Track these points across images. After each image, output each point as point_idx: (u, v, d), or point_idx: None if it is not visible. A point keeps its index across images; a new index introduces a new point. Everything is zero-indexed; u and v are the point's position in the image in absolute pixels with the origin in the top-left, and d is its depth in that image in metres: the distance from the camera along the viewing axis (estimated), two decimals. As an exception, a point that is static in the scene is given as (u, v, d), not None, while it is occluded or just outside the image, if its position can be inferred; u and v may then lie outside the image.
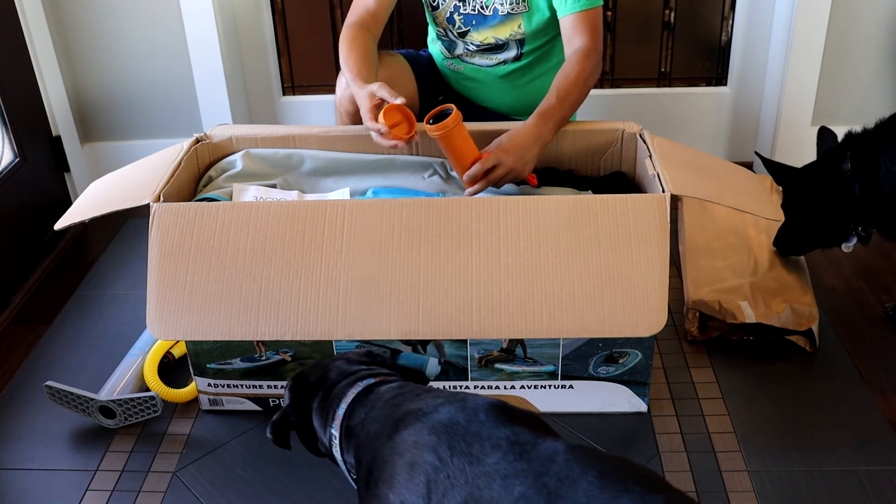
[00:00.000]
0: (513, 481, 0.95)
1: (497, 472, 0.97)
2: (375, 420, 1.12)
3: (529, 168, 1.76)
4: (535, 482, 0.95)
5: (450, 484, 0.98)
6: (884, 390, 1.77)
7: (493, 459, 0.98)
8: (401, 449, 1.04)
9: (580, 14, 1.86)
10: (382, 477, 1.05)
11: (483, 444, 1.00)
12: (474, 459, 0.99)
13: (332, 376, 1.24)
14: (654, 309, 1.52)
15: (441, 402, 1.08)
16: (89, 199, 1.76)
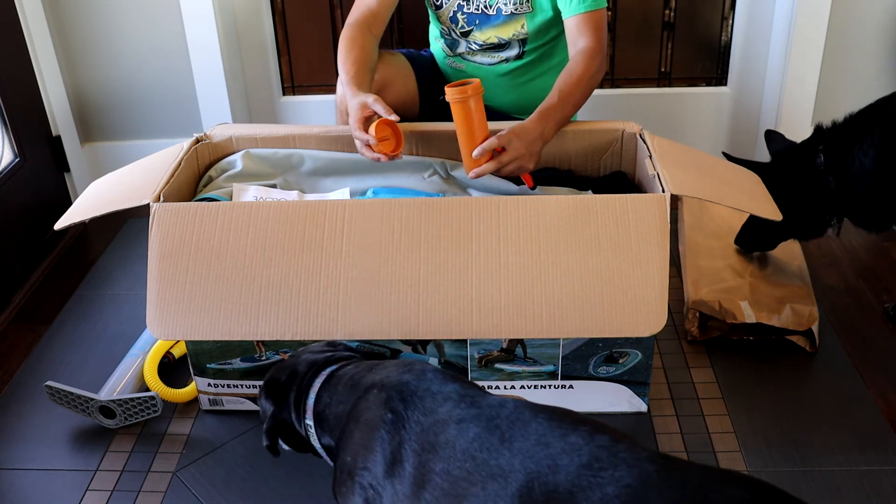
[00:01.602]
0: (467, 425, 1.01)
1: (451, 418, 1.02)
2: (340, 402, 1.19)
3: (534, 162, 1.75)
4: (488, 424, 1.00)
5: (406, 435, 1.04)
6: (884, 390, 1.77)
7: (446, 409, 1.04)
8: (358, 416, 1.11)
9: (585, 15, 1.86)
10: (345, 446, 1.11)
11: (435, 398, 1.06)
12: (428, 411, 1.05)
13: (301, 370, 1.28)
14: (654, 309, 1.52)
15: (391, 369, 1.16)
16: (89, 199, 1.76)
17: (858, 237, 2.33)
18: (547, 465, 0.93)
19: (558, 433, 0.97)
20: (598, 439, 0.95)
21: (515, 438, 0.98)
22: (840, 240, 2.31)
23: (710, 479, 0.89)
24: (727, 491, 0.86)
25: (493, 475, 0.95)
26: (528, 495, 0.92)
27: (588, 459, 0.92)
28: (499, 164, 1.70)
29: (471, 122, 1.71)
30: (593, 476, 0.90)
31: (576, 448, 0.94)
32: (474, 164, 1.71)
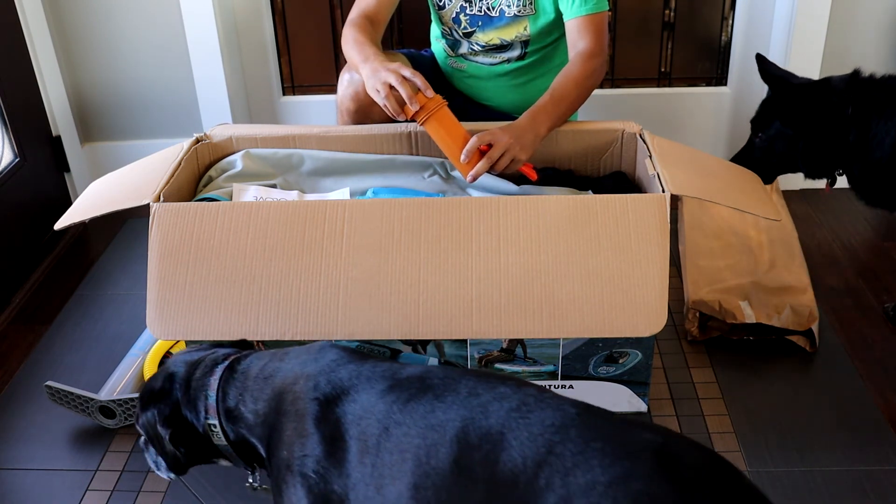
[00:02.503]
0: (399, 390, 1.07)
1: (378, 388, 1.08)
2: (256, 397, 1.18)
3: (527, 152, 1.74)
4: (420, 385, 1.07)
5: (340, 414, 1.08)
6: (884, 390, 1.77)
7: (371, 381, 1.10)
8: (286, 409, 1.13)
9: (586, 18, 1.87)
10: (278, 443, 1.13)
11: (359, 374, 1.11)
12: (353, 387, 1.10)
13: (181, 372, 1.25)
14: (654, 309, 1.52)
15: (304, 358, 1.18)
16: (89, 199, 1.76)
17: (858, 237, 2.33)
18: (479, 410, 1.01)
19: (487, 385, 1.04)
20: (525, 389, 1.03)
21: (447, 394, 1.04)
22: (840, 240, 2.31)
23: (625, 423, 0.97)
24: (640, 435, 0.94)
25: (431, 426, 1.02)
26: (464, 439, 0.99)
27: (517, 404, 1.00)
28: (489, 160, 1.70)
29: (445, 134, 1.72)
30: (521, 418, 0.98)
31: (505, 395, 1.02)
32: (466, 167, 1.72)
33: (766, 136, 1.88)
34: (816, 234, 2.34)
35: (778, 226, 2.15)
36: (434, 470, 1.00)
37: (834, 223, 2.40)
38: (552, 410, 0.99)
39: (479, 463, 0.98)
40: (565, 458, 0.94)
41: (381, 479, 1.04)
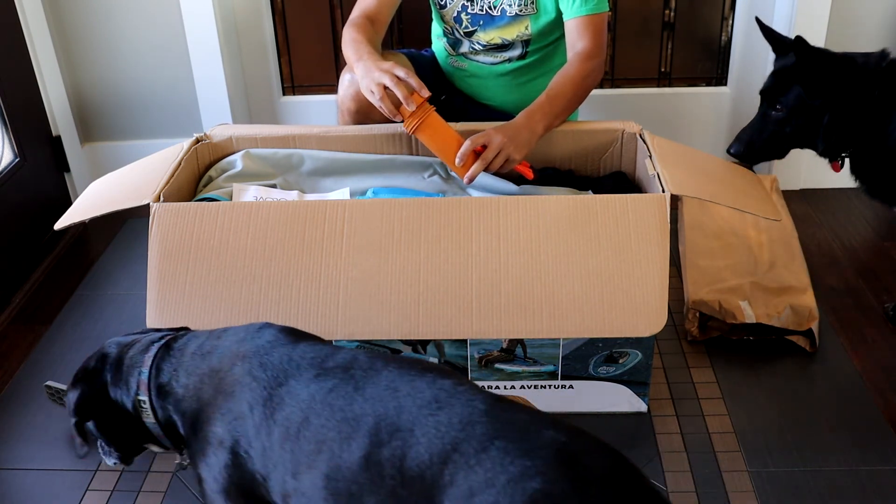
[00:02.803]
0: (324, 378, 1.11)
1: (308, 374, 1.12)
2: (189, 373, 1.20)
3: (522, 152, 1.74)
4: (344, 375, 1.10)
5: (268, 395, 1.12)
6: (884, 390, 1.77)
7: (303, 365, 1.13)
8: (223, 388, 1.16)
9: (585, 18, 1.87)
10: (208, 417, 1.16)
11: (291, 357, 1.15)
12: (286, 370, 1.13)
13: (112, 352, 1.27)
14: (654, 309, 1.52)
15: (242, 336, 1.21)
16: (89, 199, 1.76)
17: (858, 237, 2.33)
18: (393, 407, 1.04)
19: (406, 379, 1.07)
20: (439, 383, 1.06)
21: (368, 387, 1.08)
22: (840, 240, 2.31)
23: (531, 420, 0.99)
24: (544, 432, 0.97)
25: (346, 419, 1.06)
26: (375, 435, 1.03)
27: (428, 400, 1.04)
28: (484, 161, 1.70)
29: (437, 138, 1.73)
30: (431, 414, 1.02)
31: (419, 391, 1.05)
32: (462, 169, 1.72)
33: (786, 107, 1.76)
34: (816, 234, 2.34)
35: (778, 226, 2.15)
36: (345, 463, 1.04)
37: (834, 223, 2.40)
38: (461, 406, 1.02)
39: (388, 458, 1.01)
40: (469, 454, 0.96)
41: (298, 466, 1.08)
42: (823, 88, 1.71)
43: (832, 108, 1.72)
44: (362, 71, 1.73)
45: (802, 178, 2.59)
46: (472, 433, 0.98)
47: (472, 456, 0.96)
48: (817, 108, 1.73)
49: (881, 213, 2.43)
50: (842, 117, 1.73)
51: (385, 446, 1.02)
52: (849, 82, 1.71)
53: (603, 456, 0.97)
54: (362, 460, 1.03)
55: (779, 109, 1.78)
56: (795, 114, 1.76)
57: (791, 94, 1.75)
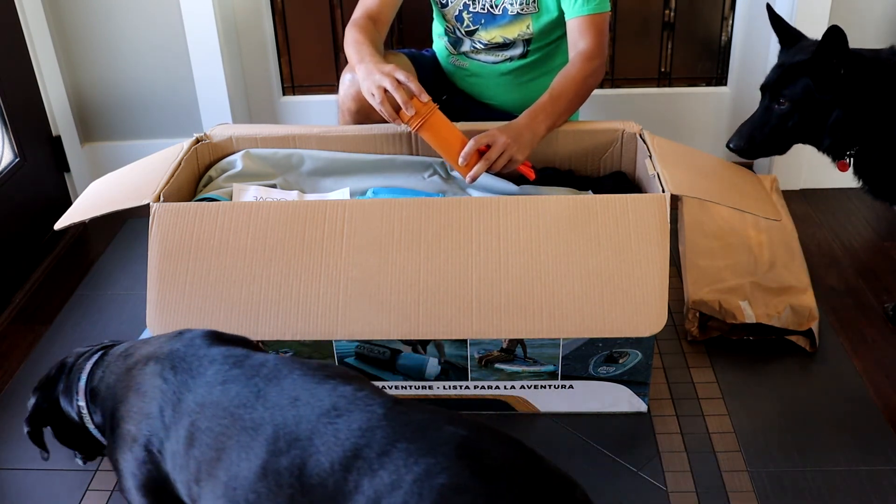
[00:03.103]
0: (229, 385, 1.12)
1: (216, 380, 1.14)
2: (112, 373, 1.25)
3: (525, 152, 1.75)
4: (248, 382, 1.12)
5: (177, 398, 1.14)
6: (884, 390, 1.77)
7: (212, 371, 1.15)
8: (135, 387, 1.19)
9: (587, 18, 1.87)
10: (123, 415, 1.19)
11: (202, 362, 1.17)
12: (196, 374, 1.15)
13: (70, 361, 1.32)
14: (654, 309, 1.52)
15: (163, 340, 1.24)
16: (89, 199, 1.76)
17: (858, 237, 2.33)
18: (292, 416, 1.05)
19: (308, 387, 1.09)
20: (340, 390, 1.07)
21: (270, 395, 1.09)
22: (840, 240, 2.31)
23: (430, 419, 1.01)
24: (444, 429, 0.99)
25: (246, 429, 1.07)
26: (274, 444, 1.04)
27: (328, 408, 1.05)
28: (487, 160, 1.71)
29: (441, 136, 1.73)
30: (330, 423, 1.03)
31: (319, 399, 1.06)
32: (465, 169, 1.72)
33: (791, 100, 1.71)
34: (816, 234, 2.34)
35: (778, 226, 2.15)
36: (243, 472, 1.05)
37: (834, 223, 2.40)
38: (360, 413, 1.03)
39: (287, 468, 1.02)
40: (371, 459, 0.98)
41: (200, 473, 1.10)
42: (838, 84, 1.66)
43: (844, 104, 1.68)
44: (363, 73, 1.74)
45: (802, 178, 2.59)
46: (373, 438, 0.99)
47: (374, 460, 0.97)
48: (826, 104, 1.69)
49: (881, 213, 2.43)
50: (853, 114, 1.69)
51: (283, 455, 1.03)
52: (864, 78, 1.66)
53: (504, 445, 0.99)
54: (260, 470, 1.04)
55: (782, 103, 1.73)
56: (800, 108, 1.72)
57: (797, 87, 1.71)
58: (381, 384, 1.69)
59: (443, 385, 1.69)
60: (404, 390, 1.70)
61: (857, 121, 1.70)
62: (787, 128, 1.75)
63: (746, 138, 1.78)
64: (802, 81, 1.70)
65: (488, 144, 1.71)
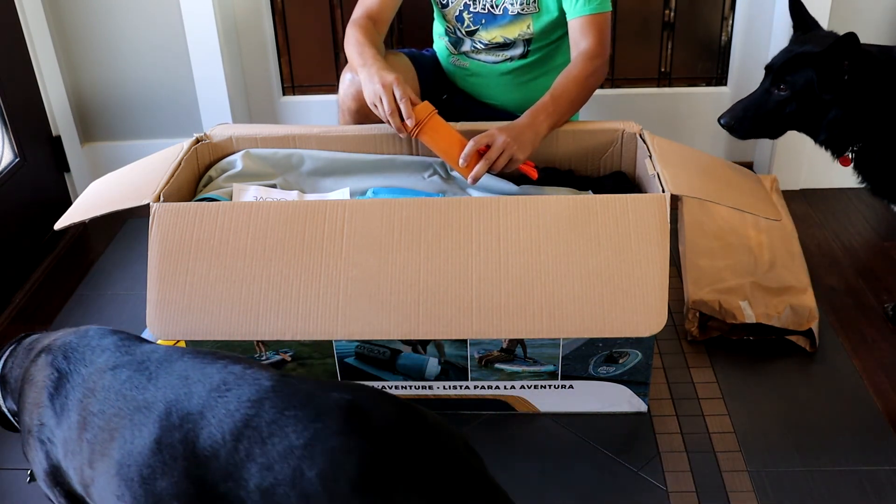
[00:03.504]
0: (120, 370, 1.16)
1: (107, 366, 1.17)
2: (18, 364, 1.28)
3: (525, 151, 1.75)
4: (139, 367, 1.15)
5: (70, 387, 1.17)
6: (884, 390, 1.77)
7: (104, 359, 1.18)
8: (29, 378, 1.23)
9: (588, 18, 1.87)
10: (23, 408, 1.23)
11: (94, 351, 1.20)
12: (88, 362, 1.18)
13: None
14: (654, 309, 1.52)
15: (61, 333, 1.27)
16: (89, 199, 1.76)
17: (858, 237, 2.33)
18: (184, 393, 1.09)
19: (198, 367, 1.13)
20: (230, 368, 1.11)
21: (161, 376, 1.13)
22: (840, 240, 2.31)
23: (316, 388, 1.06)
24: (330, 395, 1.03)
25: (139, 408, 1.10)
26: (167, 420, 1.07)
27: (218, 384, 1.08)
28: (488, 160, 1.71)
29: (439, 139, 1.74)
30: (220, 396, 1.07)
31: (209, 376, 1.10)
32: (466, 170, 1.72)
33: (793, 90, 1.68)
34: (816, 234, 2.34)
35: (778, 226, 2.15)
36: (136, 448, 1.08)
37: (834, 223, 2.40)
38: (249, 386, 1.07)
39: (180, 441, 1.05)
40: (261, 428, 1.02)
41: (93, 454, 1.12)
42: (840, 87, 1.65)
43: (844, 105, 1.67)
44: (365, 76, 1.75)
45: (802, 178, 2.59)
46: (262, 408, 1.03)
47: (264, 429, 1.01)
48: (826, 102, 1.67)
49: (881, 213, 2.43)
50: (851, 115, 1.68)
51: (176, 430, 1.06)
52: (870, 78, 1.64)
53: (389, 405, 1.04)
54: (154, 445, 1.07)
55: (783, 89, 1.71)
56: (800, 98, 1.70)
57: (800, 77, 1.68)
58: (381, 384, 1.69)
59: (443, 385, 1.69)
60: (404, 390, 1.70)
61: (858, 120, 1.69)
62: (784, 114, 1.73)
63: (738, 117, 1.76)
64: (807, 73, 1.67)
65: (488, 144, 1.72)
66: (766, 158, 2.60)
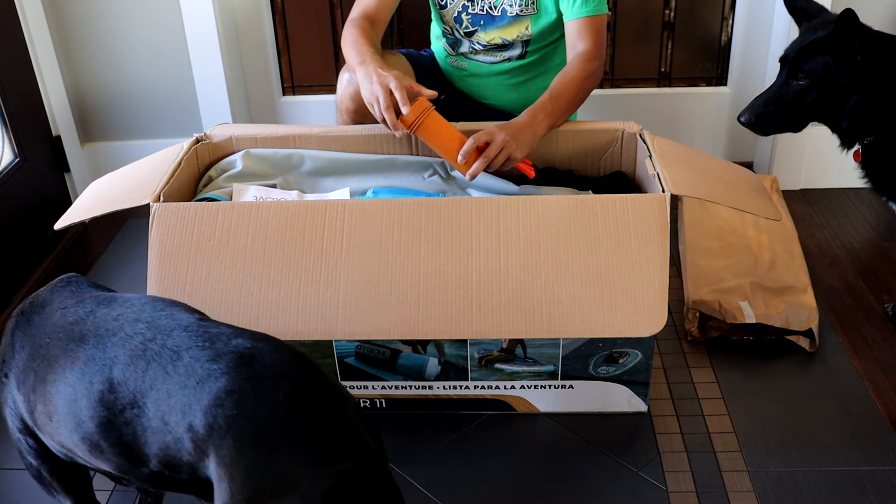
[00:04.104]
0: (69, 310, 1.25)
1: (59, 307, 1.28)
2: None
3: (524, 150, 1.74)
4: (84, 305, 1.25)
5: (25, 328, 1.27)
6: (884, 390, 1.77)
7: (59, 301, 1.29)
8: (5, 330, 1.31)
9: (585, 20, 1.87)
10: None
11: (54, 297, 1.31)
12: (46, 307, 1.29)
13: None
14: (654, 309, 1.52)
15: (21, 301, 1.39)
16: (89, 198, 1.76)
17: (858, 237, 2.33)
18: (113, 325, 1.19)
19: (136, 307, 1.22)
20: (160, 306, 1.22)
21: (99, 312, 1.23)
22: (840, 240, 2.31)
23: (223, 333, 1.14)
24: (231, 342, 1.12)
25: (73, 339, 1.20)
26: (93, 350, 1.17)
27: (146, 320, 1.18)
28: (486, 158, 1.70)
29: (439, 136, 1.73)
30: (141, 333, 1.16)
31: (138, 313, 1.20)
32: (465, 167, 1.72)
33: (812, 77, 1.65)
34: (816, 234, 2.34)
35: (778, 226, 2.15)
36: (66, 376, 1.18)
37: (834, 223, 2.40)
38: (167, 320, 1.18)
39: (99, 369, 1.15)
40: (165, 362, 1.12)
41: (36, 381, 1.22)
42: (857, 68, 1.61)
43: (864, 89, 1.63)
44: (363, 74, 1.75)
45: (802, 178, 2.59)
46: (166, 344, 1.13)
47: (168, 363, 1.11)
48: (845, 87, 1.63)
49: (881, 213, 2.43)
50: (873, 100, 1.64)
51: (98, 361, 1.16)
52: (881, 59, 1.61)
53: (281, 354, 1.11)
54: (79, 372, 1.16)
55: (801, 78, 1.67)
56: (820, 86, 1.66)
57: (817, 64, 1.65)
58: (381, 384, 1.69)
59: (443, 385, 1.69)
60: (404, 390, 1.70)
61: (877, 107, 1.65)
62: (805, 104, 1.69)
63: (758, 113, 1.73)
64: (822, 58, 1.64)
65: (487, 142, 1.72)
66: (766, 158, 2.60)
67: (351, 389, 1.70)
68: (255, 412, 1.04)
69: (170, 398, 1.09)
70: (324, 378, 1.13)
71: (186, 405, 1.08)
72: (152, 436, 1.12)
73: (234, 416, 1.04)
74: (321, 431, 1.06)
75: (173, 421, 1.09)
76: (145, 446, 1.13)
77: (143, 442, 1.13)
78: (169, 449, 1.11)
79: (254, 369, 1.08)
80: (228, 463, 1.04)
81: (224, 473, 1.04)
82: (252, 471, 1.03)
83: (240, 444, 1.04)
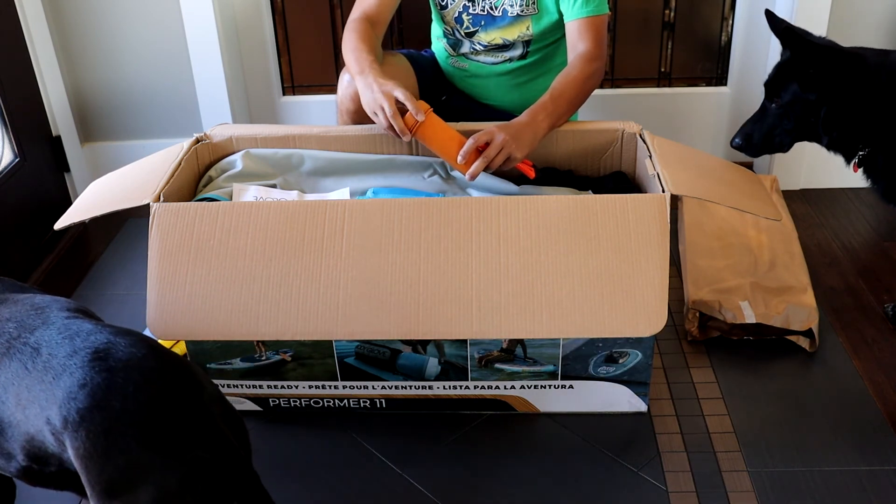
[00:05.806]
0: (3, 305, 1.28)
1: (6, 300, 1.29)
2: None
3: (524, 150, 1.75)
4: (10, 305, 1.27)
5: None
6: (884, 390, 1.77)
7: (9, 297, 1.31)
8: None
9: (586, 20, 1.87)
10: None
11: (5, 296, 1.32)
12: None
13: None
14: (654, 309, 1.52)
15: None
16: (89, 198, 1.76)
17: (858, 237, 2.33)
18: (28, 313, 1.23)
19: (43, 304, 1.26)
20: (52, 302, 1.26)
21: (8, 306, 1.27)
22: (840, 240, 2.31)
23: (89, 329, 1.17)
24: (91, 337, 1.16)
25: None
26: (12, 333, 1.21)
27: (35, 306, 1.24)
28: (486, 158, 1.71)
29: (437, 137, 1.74)
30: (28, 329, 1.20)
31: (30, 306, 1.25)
32: (464, 167, 1.72)
33: (782, 103, 1.74)
34: (816, 234, 2.34)
35: (778, 226, 2.15)
36: None
37: (834, 223, 2.40)
38: (54, 314, 1.22)
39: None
40: (26, 359, 1.16)
41: None
42: (818, 82, 1.68)
43: (829, 102, 1.69)
44: (363, 85, 1.76)
45: (802, 178, 2.59)
46: (28, 341, 1.18)
47: (28, 359, 1.16)
48: (813, 103, 1.70)
49: (881, 213, 2.43)
50: (840, 112, 1.69)
51: None
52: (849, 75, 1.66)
53: (136, 349, 1.15)
54: None
55: (777, 104, 1.76)
56: (792, 108, 1.74)
57: (787, 90, 1.73)
58: (380, 384, 1.69)
59: (443, 385, 1.69)
60: (404, 390, 1.70)
61: (849, 119, 1.70)
62: (784, 127, 1.77)
63: (745, 137, 1.82)
64: (790, 82, 1.72)
65: (487, 142, 1.72)
66: (766, 158, 2.60)
67: (351, 389, 1.70)
68: (107, 404, 1.08)
69: (29, 392, 1.14)
70: (180, 369, 1.16)
71: (44, 399, 1.12)
72: (15, 429, 1.16)
73: (86, 409, 1.08)
74: (172, 421, 1.10)
75: (33, 414, 1.13)
76: (11, 440, 1.18)
77: (9, 436, 1.17)
78: (33, 440, 1.15)
79: (107, 363, 1.12)
80: (84, 455, 1.08)
81: (81, 466, 1.08)
82: (106, 462, 1.07)
83: (93, 437, 1.07)
